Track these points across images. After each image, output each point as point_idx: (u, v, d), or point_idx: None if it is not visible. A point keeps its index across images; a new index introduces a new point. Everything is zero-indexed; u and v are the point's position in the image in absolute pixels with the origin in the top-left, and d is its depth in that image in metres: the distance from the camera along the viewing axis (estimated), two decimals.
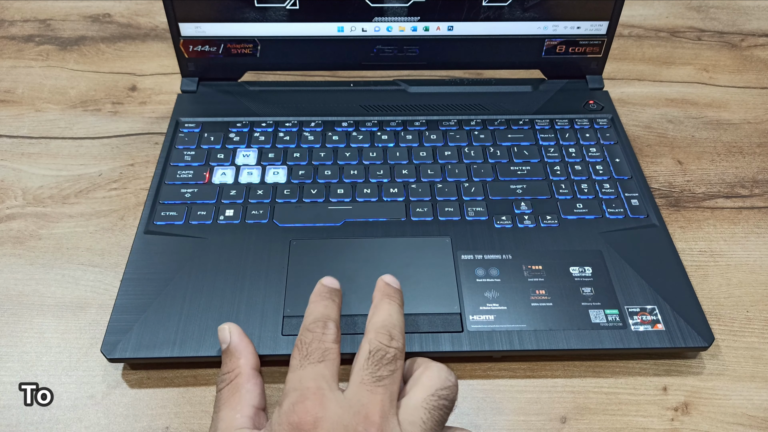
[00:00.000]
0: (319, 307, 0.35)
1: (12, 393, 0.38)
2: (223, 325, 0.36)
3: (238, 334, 0.36)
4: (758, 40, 0.68)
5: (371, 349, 0.32)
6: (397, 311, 0.35)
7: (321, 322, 0.34)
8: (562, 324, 0.39)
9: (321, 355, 0.32)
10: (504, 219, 0.45)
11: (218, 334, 0.36)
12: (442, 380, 0.32)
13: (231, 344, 0.35)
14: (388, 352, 0.32)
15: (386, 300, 0.35)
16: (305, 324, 0.34)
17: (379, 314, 0.34)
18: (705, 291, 0.44)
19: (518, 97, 0.56)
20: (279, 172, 0.49)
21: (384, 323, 0.34)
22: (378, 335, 0.33)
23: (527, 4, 0.53)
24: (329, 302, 0.36)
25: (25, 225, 0.47)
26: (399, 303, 0.36)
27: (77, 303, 0.42)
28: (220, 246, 0.43)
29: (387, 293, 0.36)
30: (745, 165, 0.54)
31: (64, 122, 0.56)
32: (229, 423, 0.32)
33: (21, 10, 0.69)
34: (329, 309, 0.35)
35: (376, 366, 0.31)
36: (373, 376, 0.31)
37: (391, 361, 0.32)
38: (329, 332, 0.33)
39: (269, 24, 0.53)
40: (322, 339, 0.33)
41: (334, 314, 0.35)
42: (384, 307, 0.35)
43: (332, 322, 0.34)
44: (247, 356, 0.35)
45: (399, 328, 0.34)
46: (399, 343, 0.33)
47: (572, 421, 0.37)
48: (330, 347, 0.33)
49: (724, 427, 0.37)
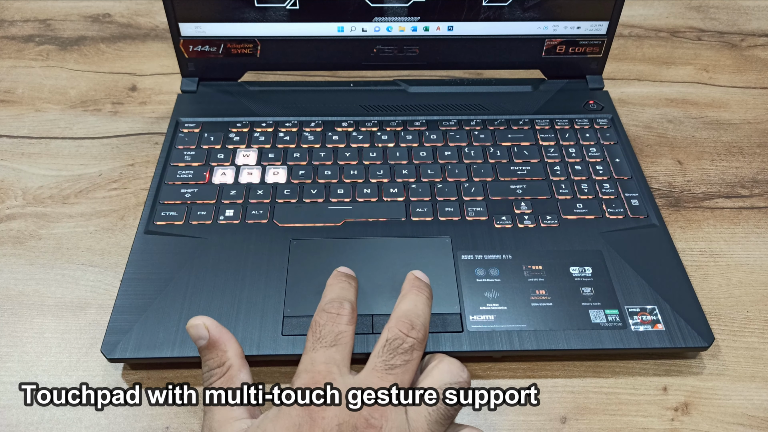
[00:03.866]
0: (335, 288, 0.35)
1: (12, 393, 0.38)
2: (193, 320, 0.34)
3: (215, 326, 0.34)
4: (758, 40, 0.68)
5: (389, 337, 0.32)
6: (423, 302, 0.35)
7: (337, 303, 0.34)
8: (562, 324, 0.39)
9: (334, 339, 0.32)
10: (504, 219, 0.45)
11: (191, 332, 0.34)
12: (453, 375, 0.32)
13: (212, 338, 0.33)
14: (405, 341, 0.32)
15: (414, 290, 0.35)
16: (321, 305, 0.34)
17: (404, 304, 0.34)
18: (705, 291, 0.44)
19: (518, 97, 0.56)
20: (279, 172, 0.49)
21: (407, 312, 0.34)
22: (398, 323, 0.33)
23: (527, 4, 0.53)
24: (346, 284, 0.36)
25: (25, 225, 0.47)
26: (427, 295, 0.36)
27: (77, 303, 0.42)
28: (220, 246, 0.43)
29: (416, 285, 0.36)
30: (745, 165, 0.54)
31: (64, 122, 0.56)
32: (225, 414, 0.32)
33: (21, 10, 0.69)
34: (345, 291, 0.35)
35: (390, 354, 0.31)
36: (386, 364, 0.31)
37: (407, 351, 0.32)
38: (344, 313, 0.33)
39: (269, 24, 0.53)
40: (336, 321, 0.33)
41: (350, 296, 0.35)
42: (411, 297, 0.35)
43: (348, 302, 0.34)
44: (232, 346, 0.34)
45: (422, 320, 0.34)
46: (419, 333, 0.33)
47: (572, 421, 0.37)
48: (343, 330, 0.33)
49: (724, 427, 0.37)
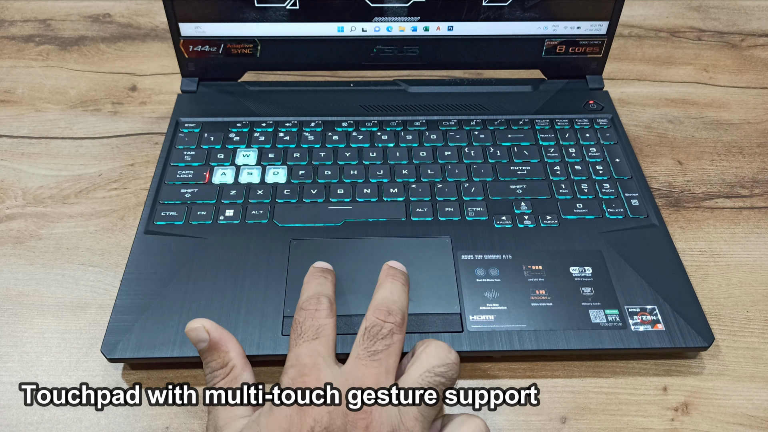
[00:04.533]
0: (312, 285, 0.36)
1: (12, 393, 0.38)
2: (192, 324, 0.34)
3: (215, 327, 0.34)
4: (758, 40, 0.68)
5: (367, 326, 0.33)
6: (399, 288, 0.35)
7: (314, 299, 0.34)
8: (562, 324, 0.39)
9: (315, 332, 0.33)
10: (504, 219, 0.45)
11: (190, 335, 0.34)
12: (440, 357, 0.32)
13: (213, 340, 0.33)
14: (383, 327, 0.33)
15: (389, 279, 0.36)
16: (300, 303, 0.35)
17: (380, 293, 0.35)
18: (705, 291, 0.44)
19: (518, 97, 0.56)
20: (279, 172, 0.49)
21: (383, 300, 0.34)
22: (375, 312, 0.33)
23: (527, 4, 0.53)
24: (322, 279, 0.36)
25: (25, 225, 0.47)
26: (402, 282, 0.36)
27: (77, 303, 0.42)
28: (220, 246, 0.43)
29: (390, 273, 0.37)
30: (745, 165, 0.54)
31: (64, 122, 0.56)
32: (230, 413, 0.32)
33: (21, 10, 0.69)
34: (322, 286, 0.36)
35: (371, 341, 0.32)
36: (368, 351, 0.32)
37: (387, 335, 0.32)
38: (322, 307, 0.34)
39: (269, 24, 0.53)
40: (315, 316, 0.33)
41: (327, 290, 0.35)
42: (386, 286, 0.35)
43: (325, 297, 0.35)
44: (234, 347, 0.34)
45: (399, 305, 0.34)
46: (396, 318, 0.33)
47: (572, 421, 0.37)
48: (323, 323, 0.33)
49: (724, 427, 0.37)
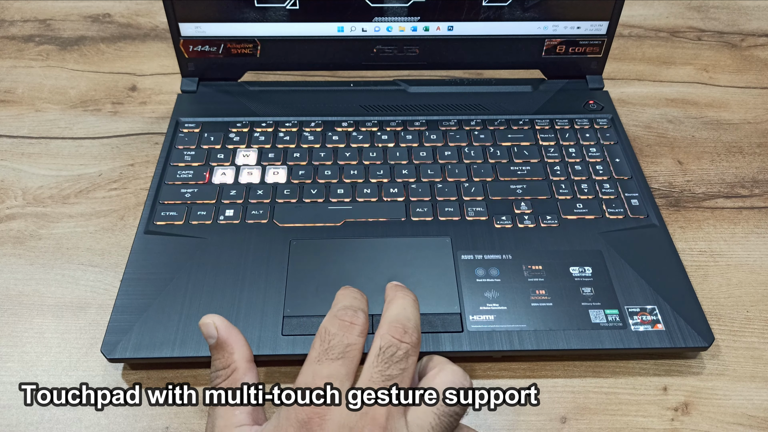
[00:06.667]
0: (348, 297, 0.34)
1: (12, 393, 0.38)
2: (205, 318, 0.33)
3: (225, 326, 0.33)
4: (758, 40, 0.68)
5: (382, 345, 0.31)
6: (411, 305, 0.34)
7: (351, 311, 0.32)
8: (562, 324, 0.39)
9: (342, 351, 0.30)
10: (504, 219, 0.45)
11: (202, 329, 0.33)
12: (456, 385, 0.31)
13: (220, 338, 0.33)
14: (399, 348, 0.31)
15: (400, 294, 0.34)
16: (333, 311, 0.32)
17: (393, 308, 0.33)
18: (705, 291, 0.44)
19: (518, 97, 0.56)
20: (279, 172, 0.49)
21: (397, 317, 0.32)
22: (390, 329, 0.31)
23: (527, 4, 0.53)
24: (359, 295, 0.34)
25: (25, 225, 0.47)
26: (413, 298, 0.34)
27: (77, 303, 0.42)
28: (220, 246, 0.43)
29: (400, 288, 0.35)
30: (745, 165, 0.54)
31: (64, 122, 0.56)
32: (227, 420, 0.31)
33: (21, 10, 0.69)
34: (359, 301, 0.34)
35: (386, 364, 0.30)
36: (383, 375, 0.30)
37: (402, 358, 0.31)
38: (358, 322, 0.31)
39: (269, 24, 0.53)
40: (349, 330, 0.31)
41: (364, 306, 0.33)
42: (398, 302, 0.34)
43: (362, 312, 0.32)
44: (240, 349, 0.33)
45: (413, 322, 0.32)
46: (412, 338, 0.31)
47: (572, 421, 0.37)
48: (354, 342, 0.31)
49: (724, 427, 0.37)
